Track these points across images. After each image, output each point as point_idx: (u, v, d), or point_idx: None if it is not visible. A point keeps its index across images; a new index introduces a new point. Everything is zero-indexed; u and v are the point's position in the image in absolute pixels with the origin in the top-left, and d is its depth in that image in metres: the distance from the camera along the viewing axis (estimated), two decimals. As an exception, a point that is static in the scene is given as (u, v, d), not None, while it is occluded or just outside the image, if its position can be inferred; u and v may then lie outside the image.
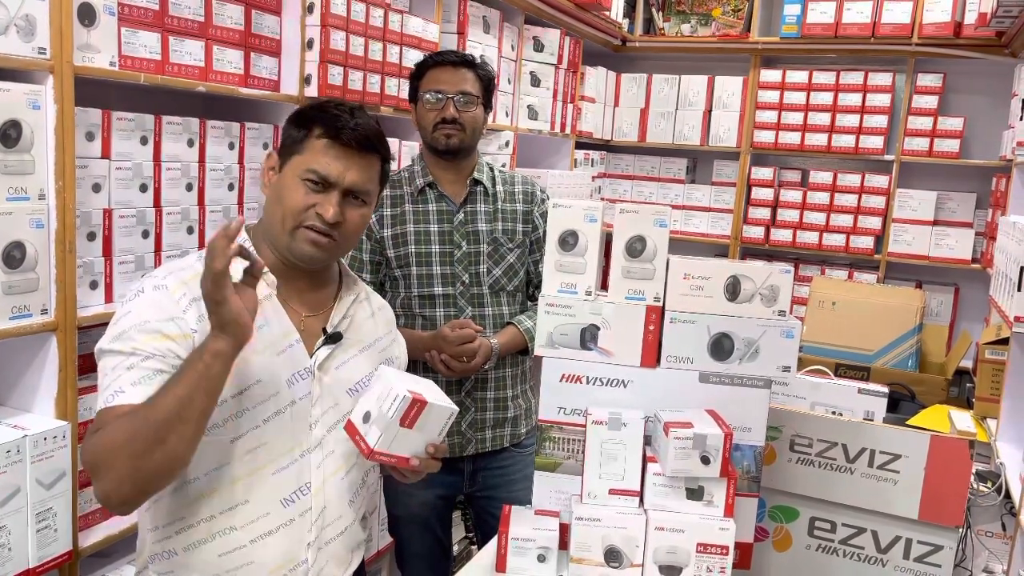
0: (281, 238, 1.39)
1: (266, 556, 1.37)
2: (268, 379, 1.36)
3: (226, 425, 1.34)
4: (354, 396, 1.45)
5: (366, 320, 1.53)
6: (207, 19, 1.97)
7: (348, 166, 1.38)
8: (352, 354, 1.48)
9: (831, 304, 3.39)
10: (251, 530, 1.36)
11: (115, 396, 1.25)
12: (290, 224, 1.37)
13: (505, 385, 2.18)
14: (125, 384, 1.25)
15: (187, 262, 1.40)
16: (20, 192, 1.57)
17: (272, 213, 1.41)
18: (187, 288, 1.33)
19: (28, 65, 1.56)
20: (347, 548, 1.51)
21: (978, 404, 2.65)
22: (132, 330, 1.28)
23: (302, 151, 1.39)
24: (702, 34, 4.59)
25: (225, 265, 1.17)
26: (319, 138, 1.38)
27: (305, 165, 1.37)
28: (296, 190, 1.37)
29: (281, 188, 1.39)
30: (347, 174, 1.38)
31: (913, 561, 1.61)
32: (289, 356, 1.39)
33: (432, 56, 2.15)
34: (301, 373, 1.40)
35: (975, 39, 3.88)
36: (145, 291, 1.33)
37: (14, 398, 1.73)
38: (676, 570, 1.46)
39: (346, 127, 1.38)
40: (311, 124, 1.39)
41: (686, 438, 1.42)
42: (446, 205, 2.12)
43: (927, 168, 4.21)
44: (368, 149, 1.40)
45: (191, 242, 1.98)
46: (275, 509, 1.38)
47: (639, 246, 1.54)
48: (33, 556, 1.62)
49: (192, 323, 1.31)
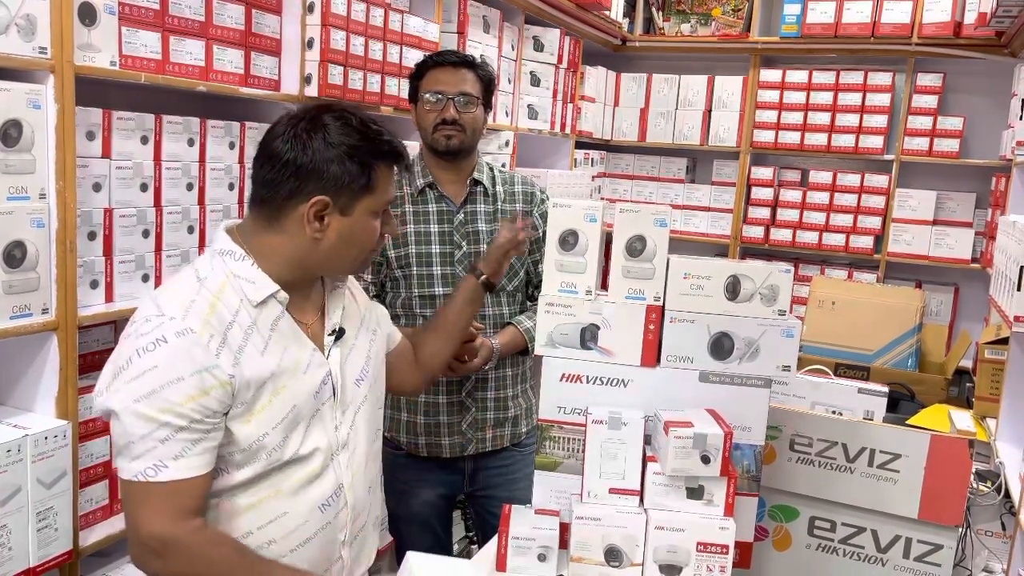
0: (339, 270, 1.45)
1: (304, 562, 1.38)
2: (303, 400, 1.37)
3: (273, 453, 1.34)
4: (362, 384, 1.48)
5: (352, 302, 1.54)
6: (207, 19, 1.97)
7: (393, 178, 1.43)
8: (353, 343, 1.49)
9: (831, 304, 3.39)
10: (291, 540, 1.37)
11: (157, 471, 1.23)
12: (364, 258, 1.43)
13: (505, 385, 2.18)
14: (166, 458, 1.23)
15: (190, 287, 1.31)
16: (21, 191, 1.57)
17: (339, 255, 1.38)
18: (211, 328, 1.27)
19: (29, 65, 1.56)
20: (375, 530, 1.57)
21: (978, 404, 2.65)
22: (164, 389, 1.22)
23: (374, 191, 1.36)
24: (702, 34, 4.59)
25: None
26: (391, 174, 1.39)
27: (382, 200, 1.39)
28: (373, 227, 1.39)
29: (354, 232, 1.37)
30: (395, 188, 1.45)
31: (913, 560, 1.61)
32: (313, 371, 1.39)
33: (432, 56, 2.15)
34: (324, 380, 1.40)
35: (975, 39, 3.88)
36: (167, 339, 1.24)
37: (15, 397, 1.73)
38: (676, 569, 1.46)
39: (396, 145, 1.39)
40: (368, 159, 1.34)
41: (686, 437, 1.42)
42: (446, 205, 2.12)
43: (927, 168, 4.21)
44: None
45: (191, 242, 1.98)
46: (314, 516, 1.38)
47: (639, 246, 1.54)
48: (34, 555, 1.62)
49: (228, 368, 1.27)
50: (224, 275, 1.33)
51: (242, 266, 1.34)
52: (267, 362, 1.31)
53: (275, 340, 1.34)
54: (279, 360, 1.33)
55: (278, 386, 1.32)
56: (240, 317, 1.31)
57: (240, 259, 1.34)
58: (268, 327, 1.34)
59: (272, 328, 1.34)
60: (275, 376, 1.32)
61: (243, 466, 1.32)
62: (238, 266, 1.34)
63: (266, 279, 1.34)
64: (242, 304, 1.32)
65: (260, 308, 1.33)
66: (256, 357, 1.30)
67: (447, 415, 2.13)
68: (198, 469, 1.25)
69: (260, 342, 1.32)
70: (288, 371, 1.34)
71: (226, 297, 1.31)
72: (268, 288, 1.34)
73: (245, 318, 1.31)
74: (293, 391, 1.34)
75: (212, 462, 1.28)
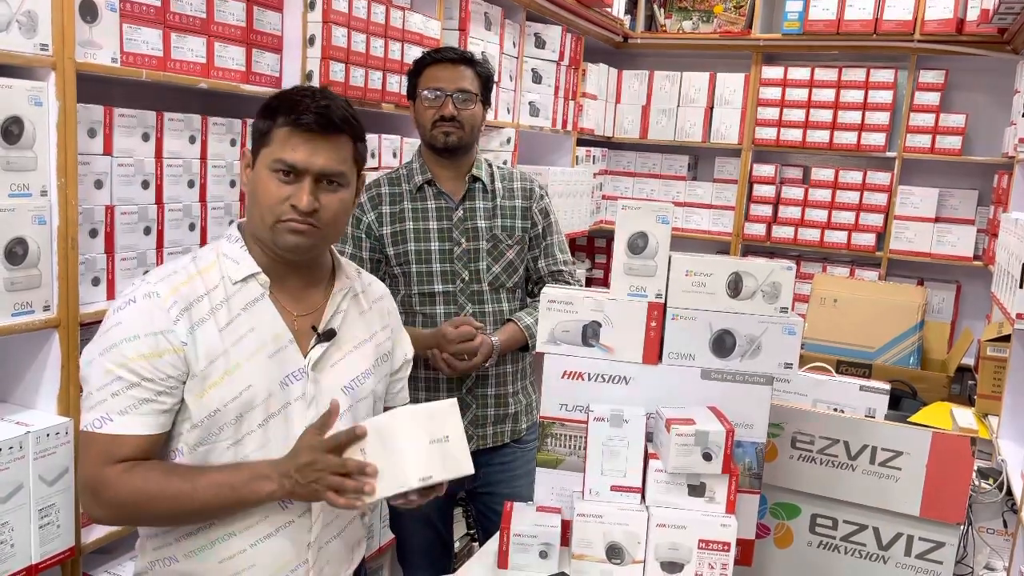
0: (265, 234, 1.37)
1: (267, 559, 1.37)
2: (262, 383, 1.35)
3: (223, 432, 1.34)
4: (348, 395, 1.44)
5: (360, 316, 1.51)
6: (209, 16, 1.96)
7: (314, 150, 1.33)
8: (346, 351, 1.46)
9: (833, 301, 3.39)
10: (250, 535, 1.36)
11: (103, 423, 1.28)
12: (269, 220, 1.34)
13: (506, 382, 2.18)
14: (112, 411, 1.28)
15: (181, 263, 1.39)
16: (22, 188, 1.56)
17: (252, 211, 1.38)
18: (178, 296, 1.32)
19: (30, 61, 1.56)
20: (347, 546, 1.51)
21: (980, 401, 2.65)
22: (122, 344, 1.28)
23: (269, 143, 1.35)
24: (704, 31, 4.59)
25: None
26: (282, 126, 1.33)
27: (272, 156, 1.33)
28: (268, 184, 1.34)
29: (255, 184, 1.36)
30: (314, 159, 1.33)
31: (915, 558, 1.61)
32: (282, 358, 1.38)
33: (430, 53, 2.14)
34: (295, 374, 1.39)
35: (977, 36, 3.87)
36: (136, 300, 1.31)
37: (17, 395, 1.73)
38: (678, 567, 1.47)
39: (308, 111, 1.32)
40: (274, 114, 1.35)
41: (688, 435, 1.42)
42: (445, 202, 2.12)
43: (929, 165, 4.20)
44: (334, 130, 1.34)
45: (193, 239, 1.98)
46: (273, 512, 1.37)
47: (641, 243, 1.54)
48: (36, 552, 1.62)
49: (182, 335, 1.31)
50: (215, 255, 1.40)
51: (232, 247, 1.40)
52: (225, 337, 1.33)
53: (244, 320, 1.35)
54: (239, 338, 1.34)
55: (231, 364, 1.32)
56: (214, 293, 1.35)
57: (233, 241, 1.41)
58: (241, 306, 1.36)
59: (245, 308, 1.36)
60: (227, 352, 1.33)
61: (198, 446, 1.33)
62: (228, 247, 1.41)
63: (249, 259, 1.39)
64: (222, 282, 1.37)
65: (239, 287, 1.37)
66: (214, 331, 1.33)
67: (448, 412, 2.13)
68: (141, 428, 1.28)
69: (225, 318, 1.35)
70: (247, 351, 1.34)
71: (209, 274, 1.37)
72: (249, 268, 1.38)
73: (219, 294, 1.36)
74: (249, 372, 1.34)
75: (158, 427, 1.30)
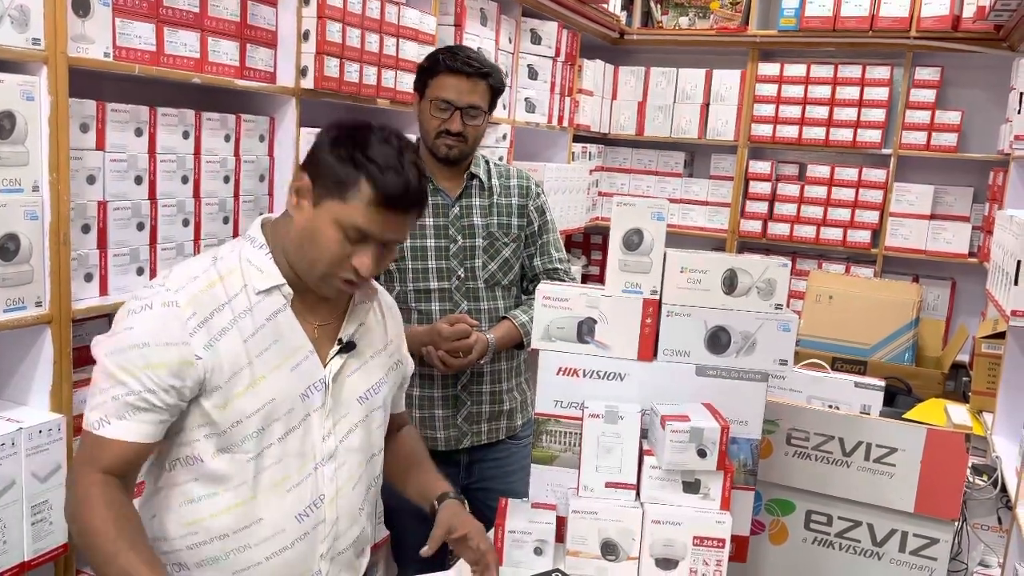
0: (308, 275, 1.34)
1: (281, 570, 1.37)
2: (284, 396, 1.35)
3: (245, 444, 1.32)
4: (363, 404, 1.45)
5: (377, 325, 1.51)
6: (202, 10, 1.95)
7: (392, 225, 1.31)
8: (364, 361, 1.46)
9: (828, 298, 3.40)
10: (266, 547, 1.35)
11: (101, 425, 1.26)
12: (322, 271, 1.32)
13: (501, 379, 2.18)
14: (111, 415, 1.26)
15: (202, 266, 1.34)
16: (14, 184, 1.55)
17: (301, 249, 1.33)
18: (198, 306, 1.29)
19: (22, 56, 1.55)
20: (357, 555, 1.52)
21: (974, 398, 2.66)
22: (130, 351, 1.26)
23: (346, 201, 1.28)
24: (700, 27, 4.58)
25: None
26: (371, 203, 1.27)
27: (349, 221, 1.28)
28: (333, 239, 1.29)
29: (315, 231, 1.30)
30: (389, 233, 1.31)
31: (909, 554, 1.61)
32: (303, 369, 1.37)
33: (448, 60, 2.03)
34: (315, 385, 1.38)
35: (973, 33, 3.87)
36: (154, 306, 1.27)
37: (8, 391, 1.72)
38: (672, 563, 1.47)
39: (404, 193, 1.28)
40: (360, 171, 1.27)
41: (683, 431, 1.42)
42: (441, 199, 2.12)
43: (924, 162, 4.21)
44: (416, 209, 1.34)
45: (186, 235, 1.97)
46: (290, 525, 1.37)
47: (636, 239, 1.54)
48: (28, 549, 1.61)
49: (197, 349, 1.28)
50: (237, 259, 1.36)
51: (257, 254, 1.36)
52: (248, 348, 1.32)
53: (267, 331, 1.34)
54: (263, 350, 1.33)
55: (256, 375, 1.31)
56: (237, 301, 1.32)
57: (258, 247, 1.37)
58: (264, 317, 1.34)
59: (268, 319, 1.34)
60: (252, 364, 1.31)
61: (221, 453, 1.32)
62: (253, 253, 1.36)
63: (275, 270, 1.36)
64: (244, 290, 1.33)
65: (262, 297, 1.34)
66: (237, 342, 1.31)
67: (442, 409, 2.13)
68: (135, 435, 1.27)
69: (249, 328, 1.32)
70: (271, 364, 1.33)
71: (230, 280, 1.33)
72: (274, 279, 1.35)
73: (242, 303, 1.32)
74: (273, 384, 1.33)
75: (150, 436, 1.28)
